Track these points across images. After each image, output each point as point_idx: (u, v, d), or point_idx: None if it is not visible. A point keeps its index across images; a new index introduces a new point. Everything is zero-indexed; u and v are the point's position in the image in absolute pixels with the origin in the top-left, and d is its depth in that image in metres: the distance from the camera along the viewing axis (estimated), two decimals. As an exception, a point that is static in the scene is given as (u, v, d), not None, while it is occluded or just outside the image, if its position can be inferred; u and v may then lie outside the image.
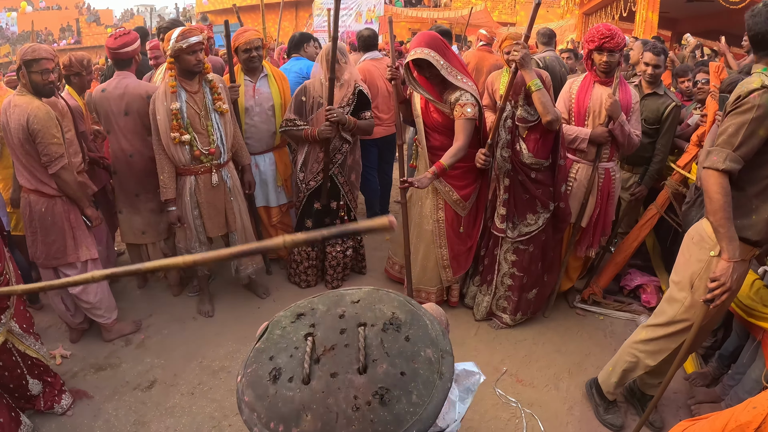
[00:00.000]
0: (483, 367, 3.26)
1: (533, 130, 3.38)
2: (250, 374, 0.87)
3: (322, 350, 0.85)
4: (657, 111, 3.83)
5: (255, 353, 0.91)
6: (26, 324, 2.85)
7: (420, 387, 0.81)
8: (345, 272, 4.33)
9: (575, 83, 3.58)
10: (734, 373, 3.01)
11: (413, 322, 0.90)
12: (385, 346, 0.84)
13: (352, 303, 0.94)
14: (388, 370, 0.81)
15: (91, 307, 3.52)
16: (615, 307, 4.01)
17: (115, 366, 3.45)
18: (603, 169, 3.56)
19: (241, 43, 3.87)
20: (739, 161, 2.20)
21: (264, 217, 4.35)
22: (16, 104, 3.06)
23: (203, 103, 3.46)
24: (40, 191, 3.20)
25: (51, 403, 2.98)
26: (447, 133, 3.48)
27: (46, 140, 3.03)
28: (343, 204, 4.07)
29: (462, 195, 3.62)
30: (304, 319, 0.93)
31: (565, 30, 17.73)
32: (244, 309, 4.05)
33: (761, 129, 2.15)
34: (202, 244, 3.71)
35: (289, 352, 0.86)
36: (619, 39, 3.29)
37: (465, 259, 3.85)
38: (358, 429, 0.76)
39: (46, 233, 3.26)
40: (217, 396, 3.16)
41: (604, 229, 3.76)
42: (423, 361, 0.84)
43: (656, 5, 11.36)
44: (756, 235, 2.28)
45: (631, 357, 2.79)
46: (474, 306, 3.96)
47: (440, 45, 3.27)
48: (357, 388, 0.79)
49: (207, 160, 3.52)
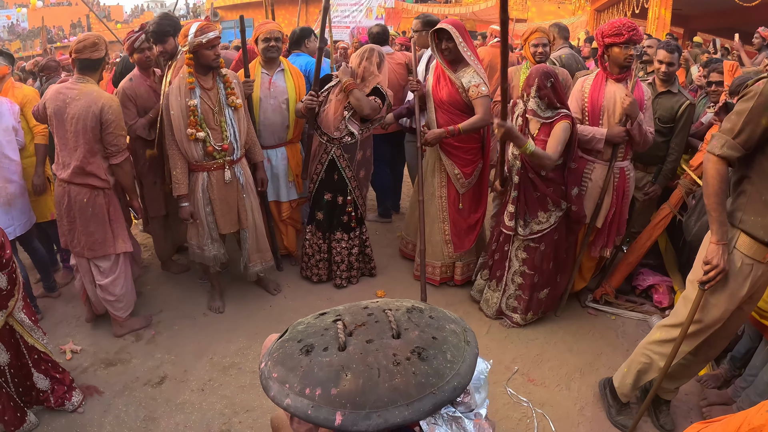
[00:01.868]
0: (494, 366, 3.27)
1: (544, 129, 3.35)
2: (276, 356, 0.87)
3: (353, 327, 0.86)
4: (671, 109, 3.79)
5: (279, 344, 0.91)
6: (33, 317, 2.86)
7: (452, 349, 0.83)
8: (351, 272, 4.29)
9: (587, 81, 3.55)
10: (746, 375, 2.99)
11: (432, 309, 0.96)
12: (413, 321, 0.87)
13: (372, 302, 0.97)
14: (421, 335, 0.83)
15: (114, 299, 3.56)
16: (627, 307, 3.98)
17: (125, 361, 3.46)
18: (618, 169, 3.54)
19: (262, 32, 3.92)
20: (737, 148, 2.20)
21: (274, 211, 4.35)
22: (82, 92, 3.12)
23: (217, 99, 3.47)
24: (83, 183, 3.25)
25: (62, 400, 2.99)
26: (452, 111, 3.82)
27: (117, 131, 3.19)
28: (351, 200, 4.05)
29: (463, 171, 3.91)
30: (327, 315, 0.94)
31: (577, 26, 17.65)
32: (254, 305, 4.05)
33: (763, 117, 2.14)
34: (214, 240, 3.71)
35: (319, 334, 0.87)
36: (641, 31, 3.29)
37: (466, 236, 4.09)
38: (400, 381, 0.76)
39: (86, 224, 3.32)
40: (227, 393, 3.16)
41: (618, 228, 3.73)
42: (449, 332, 0.87)
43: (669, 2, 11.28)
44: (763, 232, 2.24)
45: (645, 358, 2.76)
46: (482, 301, 3.95)
47: (461, 28, 3.69)
48: (395, 347, 0.80)
49: (220, 156, 3.52)
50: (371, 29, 5.14)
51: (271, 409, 2.83)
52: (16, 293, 2.67)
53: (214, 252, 3.73)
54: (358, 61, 3.84)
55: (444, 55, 3.78)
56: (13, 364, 2.76)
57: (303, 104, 3.87)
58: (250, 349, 3.54)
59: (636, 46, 3.32)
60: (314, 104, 3.85)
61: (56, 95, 3.18)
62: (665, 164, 3.88)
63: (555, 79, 3.28)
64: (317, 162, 3.98)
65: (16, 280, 2.66)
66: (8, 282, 2.59)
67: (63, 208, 3.34)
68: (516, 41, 12.37)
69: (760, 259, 2.29)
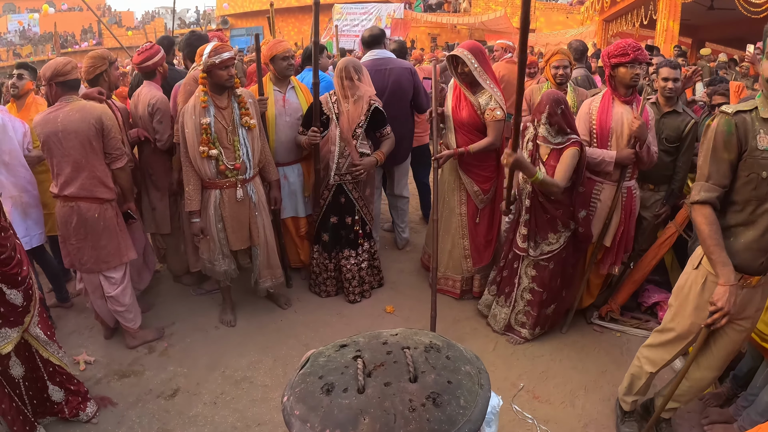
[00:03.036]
0: (500, 383, 3.33)
1: (554, 154, 3.41)
2: (299, 392, 0.90)
3: (372, 367, 0.89)
4: (678, 129, 3.81)
5: (300, 377, 0.94)
6: (49, 331, 2.91)
7: (465, 394, 0.87)
8: (363, 286, 4.35)
9: (594, 103, 3.59)
10: (747, 394, 3.02)
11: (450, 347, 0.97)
12: (430, 362, 0.90)
13: (391, 335, 1.00)
14: (437, 379, 0.86)
15: (124, 309, 3.63)
16: (632, 324, 4.01)
17: (138, 373, 3.52)
18: (625, 188, 3.58)
19: (279, 51, 3.98)
20: (713, 189, 2.29)
21: (292, 227, 4.41)
22: (73, 109, 3.23)
23: (231, 118, 3.53)
24: (92, 197, 3.33)
25: (76, 411, 3.04)
26: (471, 131, 3.93)
27: (118, 135, 3.35)
28: (358, 219, 4.13)
29: (482, 188, 4.05)
30: (347, 348, 0.97)
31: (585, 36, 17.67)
32: (265, 319, 4.11)
33: (724, 152, 2.24)
34: (225, 256, 3.77)
35: (339, 371, 0.90)
36: (645, 51, 3.35)
37: (485, 250, 4.23)
38: (415, 428, 0.80)
39: (97, 239, 3.40)
40: (239, 406, 3.22)
41: (626, 246, 3.79)
42: (464, 374, 0.90)
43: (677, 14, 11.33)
44: (734, 259, 2.31)
45: (637, 362, 2.88)
46: (490, 316, 4.00)
47: (478, 52, 3.79)
48: (411, 392, 0.83)
49: (232, 174, 3.58)
50: (363, 35, 4.90)
51: (282, 424, 2.89)
52: (32, 309, 2.72)
53: (225, 267, 3.80)
54: (339, 85, 3.88)
55: (462, 78, 3.90)
56: (27, 377, 2.81)
57: (306, 139, 3.90)
58: (262, 363, 3.59)
59: (642, 65, 3.37)
60: (318, 141, 3.89)
61: (45, 122, 3.21)
62: (672, 183, 3.90)
63: (565, 105, 3.34)
64: (324, 187, 4.05)
65: (32, 296, 2.71)
66: (24, 299, 2.63)
67: (71, 228, 3.36)
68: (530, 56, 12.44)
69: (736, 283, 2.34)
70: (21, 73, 4.09)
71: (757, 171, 2.19)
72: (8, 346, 2.62)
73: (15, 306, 2.60)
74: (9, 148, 3.59)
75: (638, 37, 15.79)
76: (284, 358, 3.63)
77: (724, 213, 2.37)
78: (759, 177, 2.20)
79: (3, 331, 2.60)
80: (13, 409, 2.75)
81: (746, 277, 2.35)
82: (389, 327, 3.93)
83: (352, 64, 3.86)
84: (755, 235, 2.27)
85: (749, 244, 2.29)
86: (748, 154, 2.21)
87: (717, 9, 12.34)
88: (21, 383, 2.79)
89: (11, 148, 3.60)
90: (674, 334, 2.62)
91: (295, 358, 3.62)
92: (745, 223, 2.30)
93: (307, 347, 3.72)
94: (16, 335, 2.65)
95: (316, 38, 3.91)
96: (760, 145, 2.17)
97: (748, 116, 2.21)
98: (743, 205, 2.29)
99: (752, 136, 2.19)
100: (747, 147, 2.21)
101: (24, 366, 2.78)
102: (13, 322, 2.63)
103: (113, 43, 33.24)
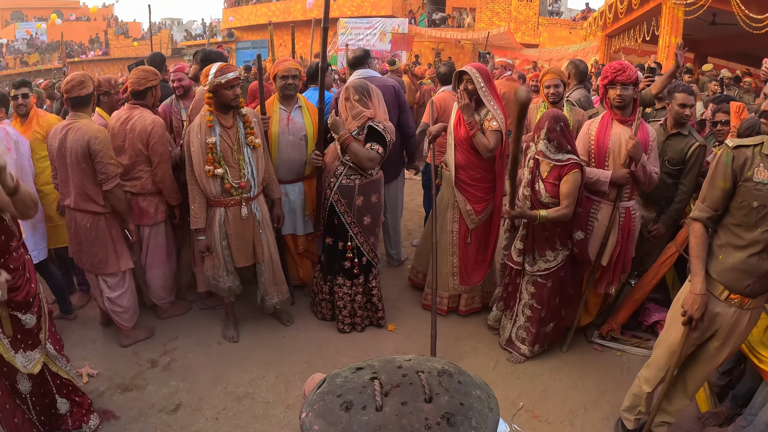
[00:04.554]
0: (500, 402, 3.29)
1: (554, 171, 3.45)
2: (318, 409, 0.93)
3: (389, 387, 0.93)
4: (681, 151, 3.82)
5: (318, 396, 0.96)
6: (58, 345, 2.96)
7: (477, 416, 0.91)
8: (355, 319, 4.18)
9: (593, 124, 3.65)
10: (746, 414, 3.04)
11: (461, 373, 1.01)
12: (443, 385, 0.94)
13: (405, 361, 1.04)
14: (450, 401, 0.90)
15: (122, 311, 3.83)
16: (633, 343, 4.03)
17: (141, 387, 3.54)
18: (623, 208, 3.62)
19: (280, 70, 4.01)
20: (705, 210, 2.53)
21: (290, 244, 4.44)
22: (73, 128, 3.42)
23: (236, 137, 3.58)
24: (85, 209, 3.54)
25: (79, 423, 3.06)
26: (469, 149, 3.97)
27: (105, 160, 3.41)
28: (351, 246, 3.96)
29: (474, 208, 4.06)
30: (364, 371, 1.00)
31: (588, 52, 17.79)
32: (268, 335, 4.13)
33: (719, 180, 2.46)
34: (229, 273, 3.81)
35: (357, 390, 0.93)
36: (631, 72, 3.40)
37: (474, 271, 4.24)
38: None
39: (90, 246, 3.64)
40: (241, 422, 3.23)
41: (624, 266, 3.81)
42: (475, 398, 0.95)
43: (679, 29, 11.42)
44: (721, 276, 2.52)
45: (637, 381, 2.98)
46: (500, 328, 4.06)
47: (486, 74, 3.88)
48: (426, 412, 0.87)
49: (237, 193, 3.63)
50: (347, 56, 4.91)
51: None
52: (43, 325, 2.77)
53: (229, 284, 3.83)
54: (341, 105, 3.90)
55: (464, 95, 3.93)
56: (35, 392, 2.84)
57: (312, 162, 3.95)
58: (264, 379, 3.61)
59: (627, 87, 3.41)
60: (320, 163, 3.90)
61: (55, 132, 3.51)
62: (672, 204, 3.92)
63: (564, 123, 3.39)
64: (322, 206, 4.03)
65: (42, 311, 2.76)
66: (37, 318, 2.69)
67: (72, 231, 3.69)
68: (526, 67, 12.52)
69: (715, 293, 2.55)
70: (25, 92, 4.15)
71: (748, 200, 2.38)
72: (37, 366, 2.72)
73: (30, 330, 2.66)
74: (21, 164, 3.68)
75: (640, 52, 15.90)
76: (286, 375, 3.66)
77: (718, 232, 2.56)
78: (750, 206, 2.37)
79: (28, 354, 2.67)
80: (26, 422, 2.79)
81: (733, 296, 2.51)
82: (391, 344, 4.00)
83: (353, 85, 3.86)
84: (741, 257, 2.44)
85: (736, 264, 2.46)
86: (743, 183, 2.39)
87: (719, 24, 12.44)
88: (28, 398, 2.82)
89: (22, 164, 3.69)
90: (665, 347, 2.76)
91: (297, 375, 3.64)
92: (734, 245, 2.47)
93: (309, 364, 3.74)
94: (39, 355, 2.72)
95: (323, 63, 3.90)
96: (756, 177, 2.35)
97: (749, 150, 2.39)
98: (734, 228, 2.47)
99: (749, 168, 2.36)
100: (742, 177, 2.39)
101: (31, 381, 2.81)
102: (32, 344, 2.69)
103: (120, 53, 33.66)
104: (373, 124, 3.76)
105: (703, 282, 2.48)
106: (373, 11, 24.43)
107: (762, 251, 2.39)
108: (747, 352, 2.97)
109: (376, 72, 4.86)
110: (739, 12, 9.39)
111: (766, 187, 2.33)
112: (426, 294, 4.48)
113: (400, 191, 5.18)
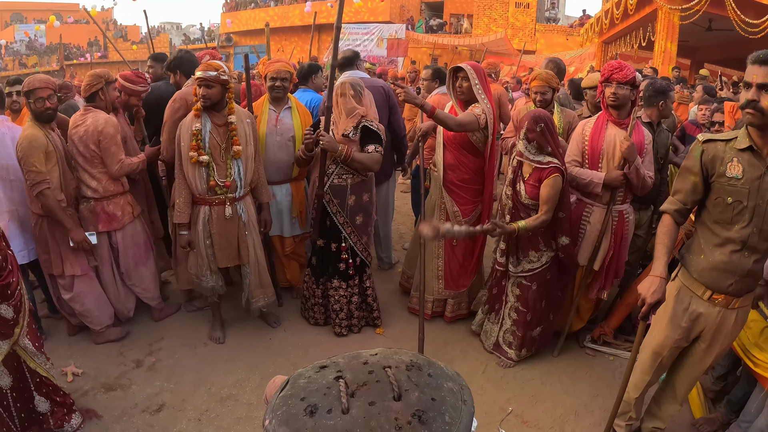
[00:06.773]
0: (489, 406, 3.29)
1: (535, 174, 3.41)
2: (281, 415, 0.88)
3: (355, 387, 0.88)
4: (665, 146, 3.91)
5: (281, 400, 0.91)
6: (38, 343, 2.92)
7: (450, 410, 0.86)
8: (352, 321, 4.13)
9: (588, 124, 3.60)
10: (741, 420, 3.00)
11: (430, 365, 0.96)
12: (413, 380, 0.89)
13: (371, 355, 0.99)
14: (420, 397, 0.85)
15: (83, 310, 3.84)
16: (625, 348, 3.98)
17: (125, 387, 3.49)
18: (616, 212, 3.56)
19: (270, 71, 4.01)
20: (674, 203, 2.52)
21: (278, 246, 4.39)
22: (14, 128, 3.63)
23: (226, 136, 3.56)
24: (32, 210, 3.65)
25: (61, 422, 3.02)
26: (458, 149, 3.91)
27: (26, 167, 3.44)
28: (346, 246, 3.93)
29: (461, 209, 3.99)
30: (328, 369, 0.96)
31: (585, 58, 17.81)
32: (254, 337, 4.08)
33: (690, 175, 2.45)
34: (212, 272, 3.77)
35: (321, 392, 0.88)
36: (628, 72, 3.36)
37: (459, 277, 4.14)
38: None
39: (37, 244, 3.75)
40: (223, 424, 3.18)
41: (616, 271, 3.75)
42: (447, 391, 0.90)
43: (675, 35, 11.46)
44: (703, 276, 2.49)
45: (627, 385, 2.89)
46: (482, 333, 3.99)
47: (481, 72, 3.84)
48: (396, 411, 0.82)
49: (221, 192, 3.60)
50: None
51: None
52: (22, 320, 2.73)
53: (212, 283, 3.79)
54: (335, 100, 3.78)
55: (457, 94, 3.89)
56: (15, 387, 2.80)
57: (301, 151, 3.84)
58: (248, 381, 3.56)
59: (622, 86, 3.37)
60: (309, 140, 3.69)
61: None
62: None
63: (545, 124, 3.34)
64: (313, 207, 3.97)
65: (21, 307, 2.72)
66: (14, 312, 2.65)
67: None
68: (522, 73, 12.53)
69: (697, 292, 2.53)
70: (19, 90, 4.19)
71: (723, 196, 2.35)
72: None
73: (6, 320, 2.62)
74: (6, 162, 3.62)
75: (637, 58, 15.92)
76: (271, 377, 3.57)
77: (698, 231, 2.53)
78: (725, 202, 2.34)
79: None
80: (2, 420, 2.74)
81: (716, 296, 2.47)
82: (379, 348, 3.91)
83: (349, 81, 3.83)
84: (722, 256, 2.40)
85: (717, 264, 2.41)
86: (717, 179, 2.36)
87: (715, 30, 12.47)
88: (9, 394, 2.77)
89: (8, 163, 3.62)
90: (648, 350, 2.74)
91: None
92: (714, 243, 2.43)
93: (295, 366, 3.68)
94: (6, 347, 2.67)
95: (334, 62, 3.87)
96: (729, 173, 2.31)
97: (720, 144, 2.37)
98: (713, 226, 2.43)
99: (721, 164, 2.33)
100: (714, 172, 2.36)
101: (11, 376, 2.76)
102: (3, 335, 2.64)
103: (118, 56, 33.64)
104: (368, 124, 3.75)
105: (664, 266, 2.38)
106: (371, 17, 24.51)
107: (742, 249, 2.35)
108: (741, 355, 2.93)
109: (365, 73, 4.82)
110: (735, 17, 9.39)
111: (740, 183, 2.29)
112: (412, 297, 4.42)
113: (391, 193, 5.14)
